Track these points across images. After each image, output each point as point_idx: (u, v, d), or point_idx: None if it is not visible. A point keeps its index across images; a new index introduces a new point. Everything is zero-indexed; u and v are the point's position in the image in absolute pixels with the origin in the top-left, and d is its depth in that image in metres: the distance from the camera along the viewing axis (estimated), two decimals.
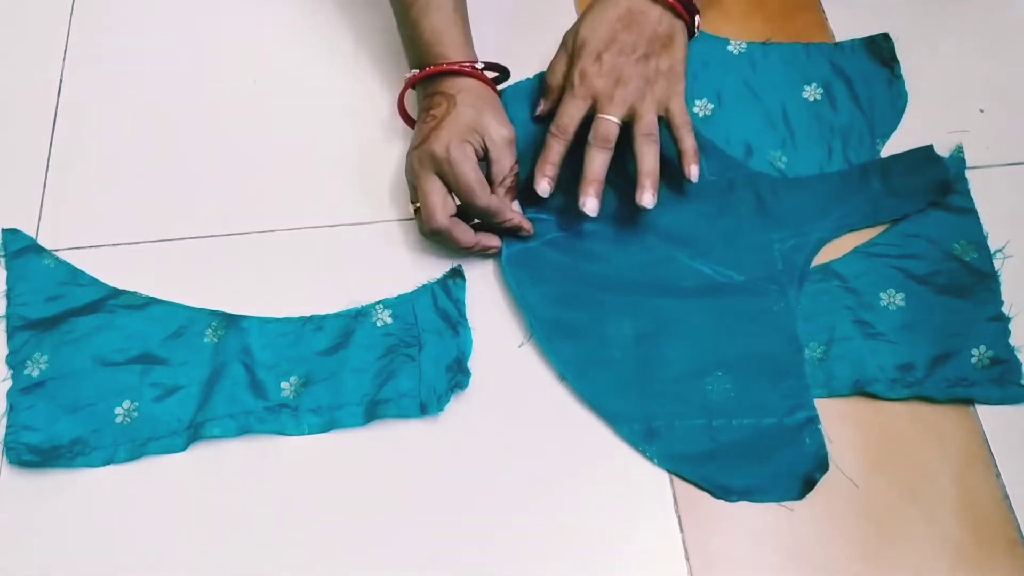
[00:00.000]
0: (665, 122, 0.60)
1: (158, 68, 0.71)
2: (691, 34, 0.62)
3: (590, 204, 0.58)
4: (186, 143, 0.68)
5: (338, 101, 0.69)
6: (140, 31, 0.73)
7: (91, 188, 0.65)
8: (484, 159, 0.59)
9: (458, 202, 0.59)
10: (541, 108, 0.64)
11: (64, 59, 0.71)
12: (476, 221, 0.61)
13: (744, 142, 0.66)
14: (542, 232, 0.62)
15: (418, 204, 0.59)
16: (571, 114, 0.59)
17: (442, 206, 0.57)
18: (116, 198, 0.65)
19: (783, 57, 0.70)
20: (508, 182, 0.60)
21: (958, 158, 0.65)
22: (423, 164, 0.58)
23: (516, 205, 0.62)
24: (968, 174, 0.65)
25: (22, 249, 0.62)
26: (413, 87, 0.62)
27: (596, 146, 0.58)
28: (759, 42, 0.70)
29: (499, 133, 0.59)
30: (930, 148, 0.65)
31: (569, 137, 0.59)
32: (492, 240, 0.61)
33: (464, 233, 0.59)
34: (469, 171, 0.57)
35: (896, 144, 0.67)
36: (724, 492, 0.55)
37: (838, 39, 0.71)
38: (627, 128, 0.59)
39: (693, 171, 0.60)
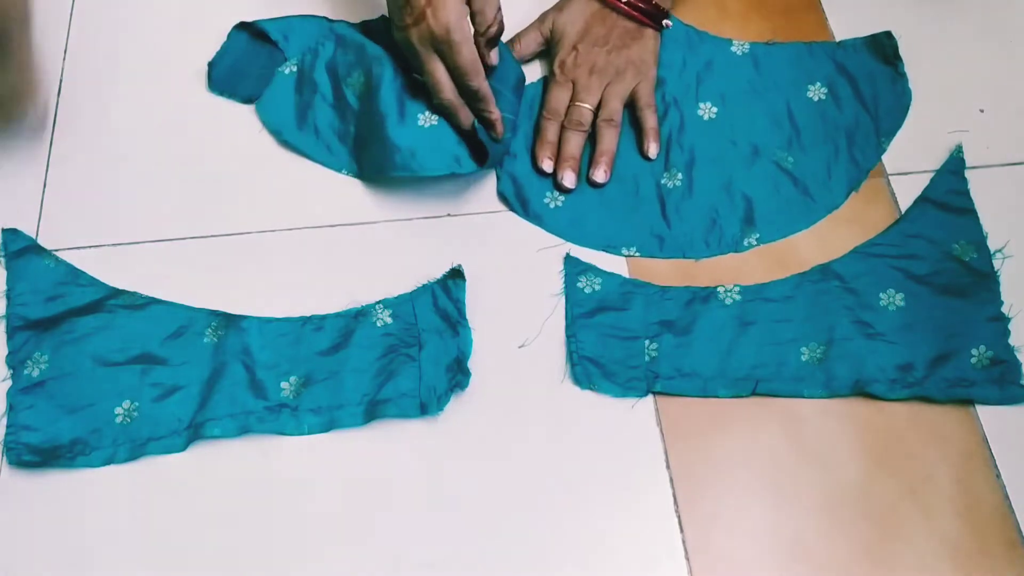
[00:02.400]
0: (630, 107, 0.66)
1: (158, 67, 0.71)
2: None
3: (568, 178, 0.64)
4: (186, 143, 0.67)
5: None
6: (140, 31, 0.73)
7: (91, 188, 0.65)
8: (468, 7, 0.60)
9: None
10: (516, 50, 0.68)
11: (64, 59, 0.71)
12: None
13: (751, 143, 0.66)
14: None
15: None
16: (559, 98, 0.66)
17: (448, 82, 0.60)
18: (116, 198, 0.65)
19: (786, 57, 0.70)
20: (492, 31, 0.61)
21: (958, 158, 0.65)
22: (424, 43, 0.59)
23: (495, 55, 0.63)
24: (968, 174, 0.65)
25: (22, 249, 0.62)
26: None
27: (571, 129, 0.65)
28: (762, 42, 0.70)
29: None
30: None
31: (560, 118, 0.66)
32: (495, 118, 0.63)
33: (467, 114, 0.62)
34: (467, 53, 0.59)
35: (898, 143, 0.67)
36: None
37: (838, 39, 0.71)
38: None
39: (652, 148, 0.65)
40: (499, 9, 0.61)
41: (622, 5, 0.66)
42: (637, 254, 0.63)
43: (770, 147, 0.66)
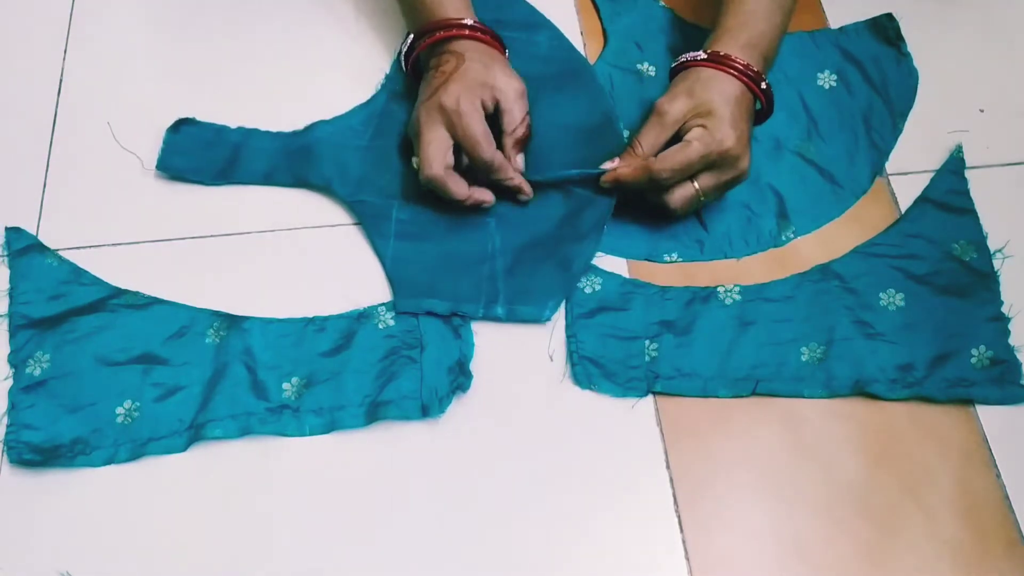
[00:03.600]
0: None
1: (157, 67, 0.71)
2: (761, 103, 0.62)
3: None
4: None
5: (344, 104, 0.68)
6: (140, 31, 0.73)
7: (91, 188, 0.65)
8: (495, 112, 0.60)
9: (465, 160, 0.60)
10: (612, 166, 0.61)
11: (64, 59, 0.71)
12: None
13: (772, 136, 0.66)
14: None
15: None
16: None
17: (440, 156, 0.58)
18: (116, 198, 0.65)
19: (792, 47, 0.70)
20: (519, 132, 0.61)
21: (958, 158, 0.65)
22: (431, 115, 0.59)
23: (521, 160, 0.62)
24: (968, 174, 0.65)
25: (25, 248, 0.62)
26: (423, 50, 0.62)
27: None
28: None
29: (509, 85, 0.60)
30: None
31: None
32: (485, 195, 0.61)
33: (457, 184, 0.60)
34: (476, 123, 0.58)
35: (898, 143, 0.67)
36: None
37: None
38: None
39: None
40: (527, 113, 0.61)
41: None
42: (680, 260, 0.63)
43: (791, 139, 0.67)
